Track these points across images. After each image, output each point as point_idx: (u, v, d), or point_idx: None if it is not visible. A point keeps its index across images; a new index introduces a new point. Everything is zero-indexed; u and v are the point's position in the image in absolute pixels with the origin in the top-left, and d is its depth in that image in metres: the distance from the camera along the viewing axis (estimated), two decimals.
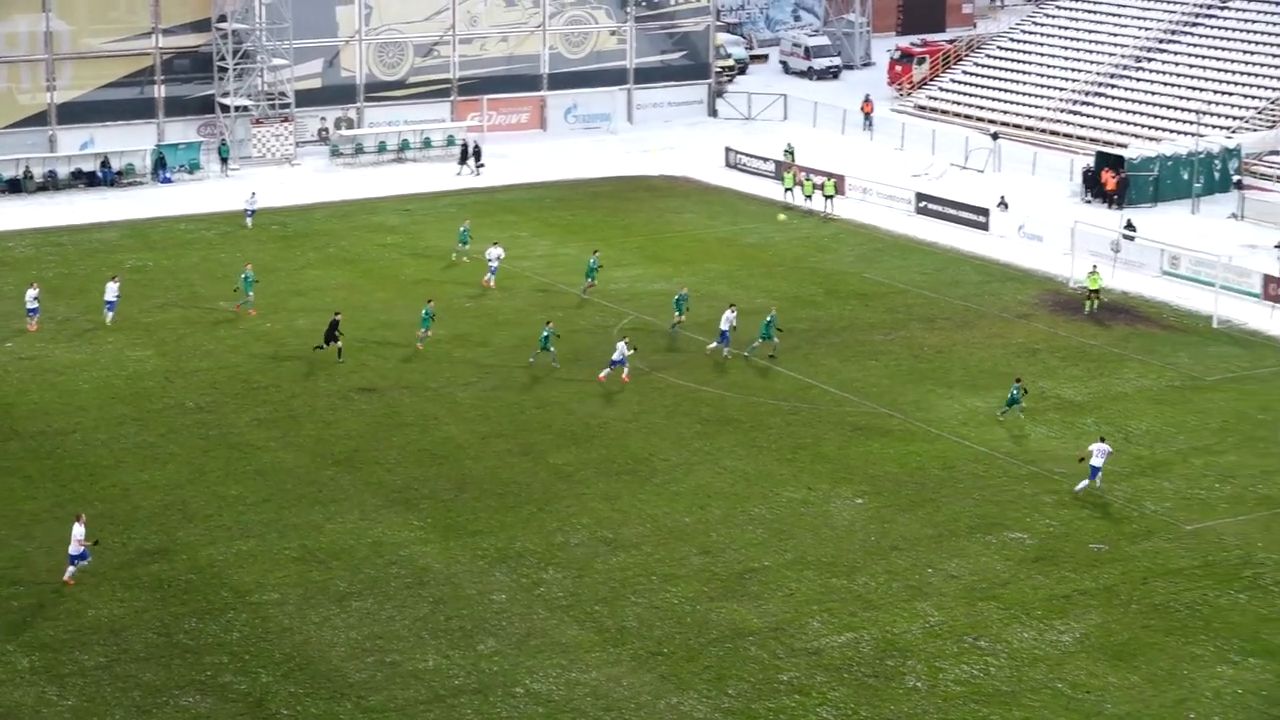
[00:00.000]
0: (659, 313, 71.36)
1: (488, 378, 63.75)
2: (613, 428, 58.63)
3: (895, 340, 68.25)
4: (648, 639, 43.84)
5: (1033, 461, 55.55)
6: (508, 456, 56.14)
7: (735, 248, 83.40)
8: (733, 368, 64.47)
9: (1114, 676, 41.95)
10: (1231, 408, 60.53)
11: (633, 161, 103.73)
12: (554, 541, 49.55)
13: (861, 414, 59.90)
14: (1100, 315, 70.94)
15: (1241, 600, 45.91)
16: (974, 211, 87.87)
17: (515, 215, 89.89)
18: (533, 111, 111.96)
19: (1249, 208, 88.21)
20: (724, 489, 53.40)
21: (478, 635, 44.04)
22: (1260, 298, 73.58)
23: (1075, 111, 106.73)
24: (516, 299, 74.05)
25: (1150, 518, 51.28)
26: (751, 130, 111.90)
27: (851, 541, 49.57)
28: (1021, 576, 47.29)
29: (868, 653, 43.11)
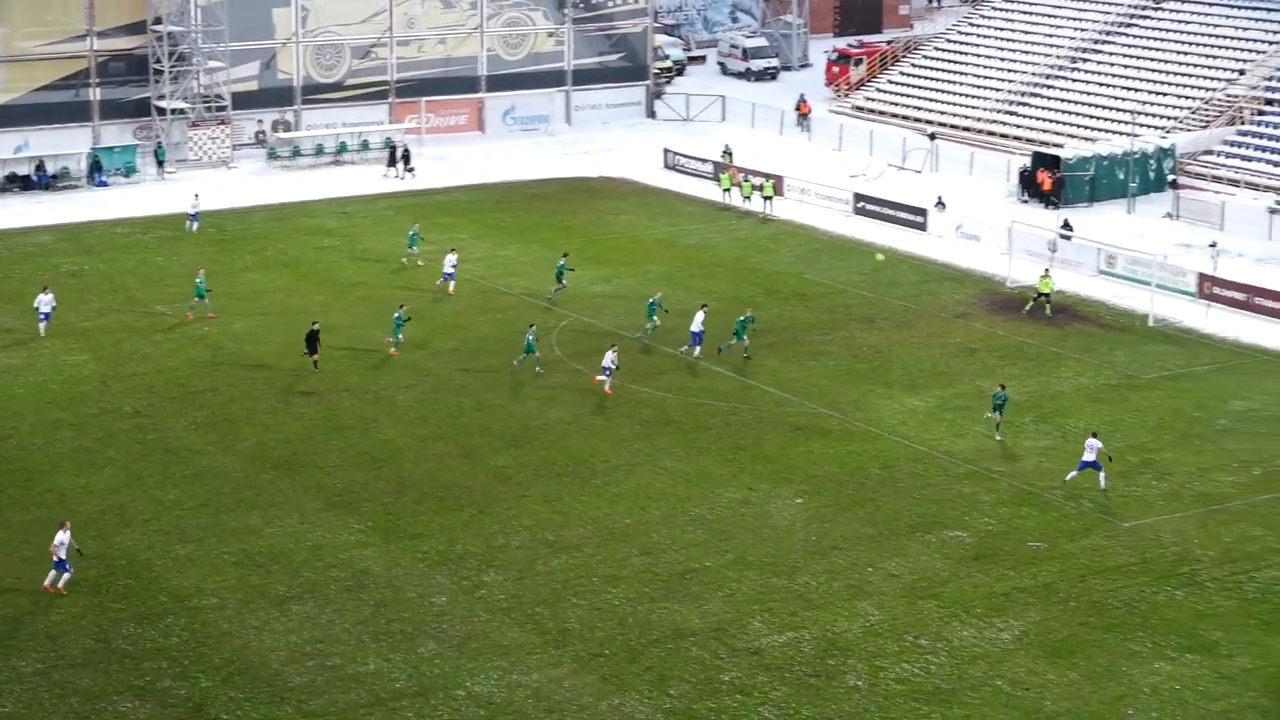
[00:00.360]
0: (598, 314, 71.35)
1: (427, 380, 63.59)
2: (553, 429, 58.59)
3: (834, 340, 68.43)
4: (589, 640, 43.82)
5: (971, 461, 55.78)
6: (448, 459, 56.03)
7: (674, 249, 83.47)
8: (670, 369, 64.51)
9: (1053, 673, 42.16)
10: (1168, 405, 60.93)
11: (571, 163, 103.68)
12: (495, 544, 49.48)
13: (801, 414, 60.03)
14: (1042, 317, 71.16)
15: (1178, 597, 46.21)
16: (912, 212, 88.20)
17: (454, 217, 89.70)
18: (471, 113, 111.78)
19: (1184, 207, 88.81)
20: (664, 490, 53.43)
21: (418, 638, 43.93)
22: (1195, 296, 74.09)
23: (1012, 112, 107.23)
24: (456, 301, 73.88)
25: (1088, 515, 51.57)
26: (690, 131, 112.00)
27: (792, 541, 49.67)
28: (961, 575, 47.48)
29: (809, 652, 43.20)
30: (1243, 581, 47.03)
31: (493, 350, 66.81)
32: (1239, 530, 50.40)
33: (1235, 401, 61.49)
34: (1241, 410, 60.51)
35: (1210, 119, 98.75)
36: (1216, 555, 48.71)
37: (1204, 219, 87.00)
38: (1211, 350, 68.09)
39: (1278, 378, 64.41)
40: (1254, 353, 67.63)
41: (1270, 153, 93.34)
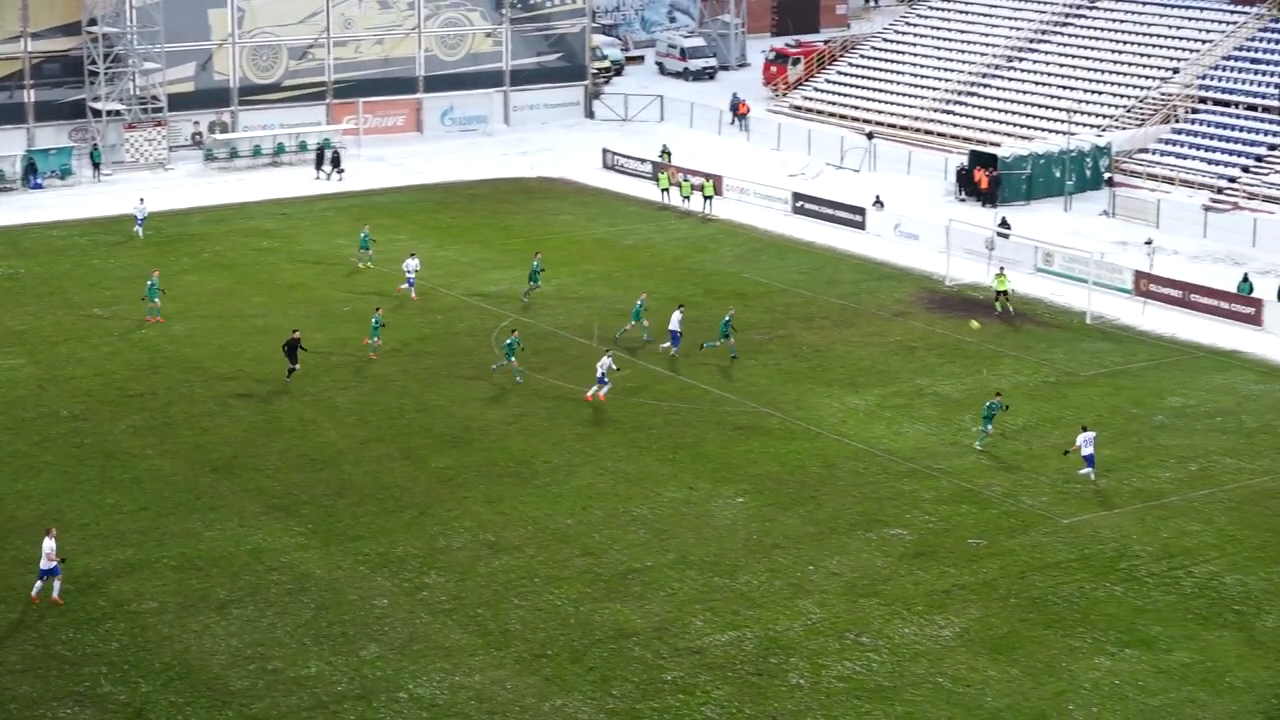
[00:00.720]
0: (538, 315, 71.29)
1: (367, 382, 63.40)
2: (493, 430, 58.51)
3: (774, 339, 68.57)
4: (531, 641, 43.78)
5: (911, 459, 55.98)
6: (388, 461, 55.88)
7: (614, 249, 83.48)
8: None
9: (994, 670, 42.34)
10: (1106, 402, 61.29)
11: (510, 163, 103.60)
12: (436, 545, 49.37)
13: (742, 413, 60.12)
14: (1005, 316, 71.41)
15: (1118, 592, 46.48)
16: (850, 211, 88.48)
17: (393, 218, 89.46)
18: (409, 114, 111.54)
19: (1120, 205, 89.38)
20: (606, 490, 53.42)
21: (360, 641, 43.80)
22: (1132, 293, 74.57)
23: (949, 111, 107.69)
24: (395, 302, 73.64)
25: (1027, 512, 51.81)
26: (628, 131, 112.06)
27: (733, 540, 49.73)
28: (902, 572, 47.64)
29: (751, 651, 43.26)
30: (1180, 577, 47.35)
31: (433, 351, 66.66)
32: (1176, 526, 50.74)
33: (1172, 398, 61.92)
34: (1178, 406, 60.94)
35: (1145, 117, 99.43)
36: (1154, 551, 49.03)
37: (1140, 217, 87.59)
38: (1148, 347, 68.53)
39: (1214, 374, 64.90)
40: (1190, 349, 68.11)
41: (1204, 150, 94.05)
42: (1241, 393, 62.76)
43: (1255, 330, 70.30)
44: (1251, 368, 65.78)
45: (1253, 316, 71.03)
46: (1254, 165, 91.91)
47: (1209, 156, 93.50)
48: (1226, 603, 45.83)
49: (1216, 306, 72.34)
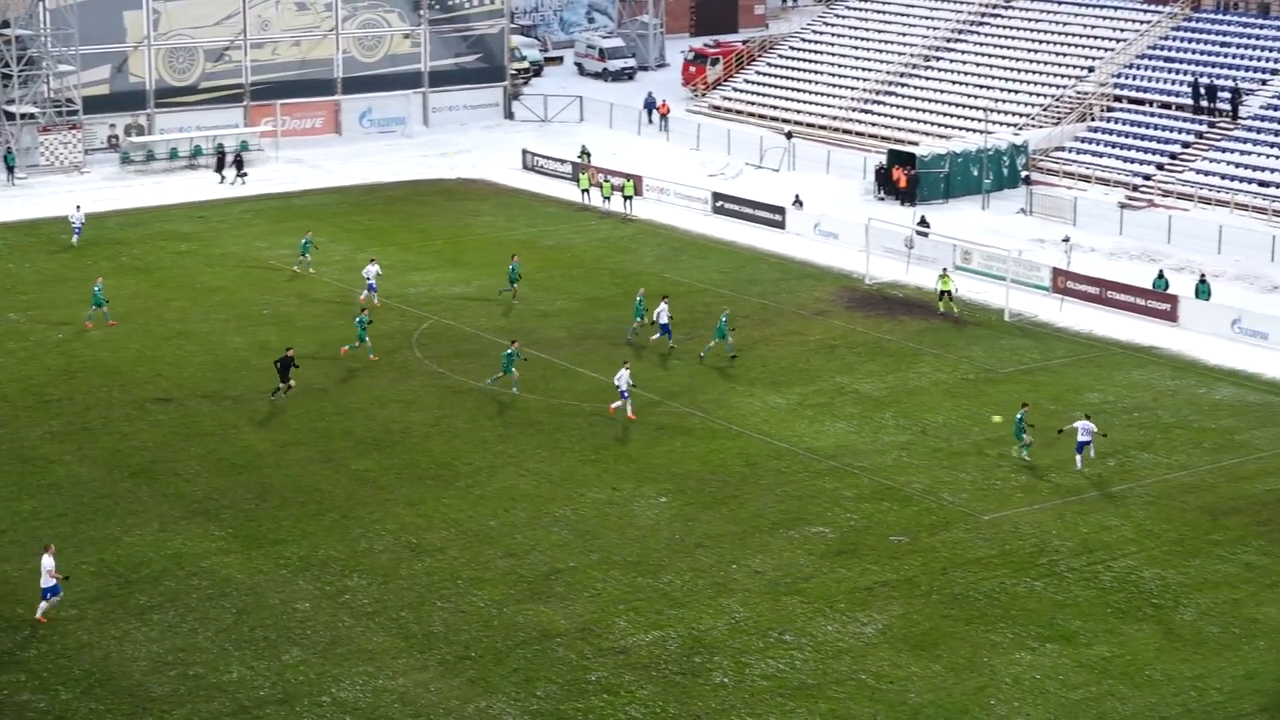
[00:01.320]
0: (459, 316, 71.16)
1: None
2: (415, 432, 58.33)
3: (695, 339, 68.62)
4: (454, 643, 43.67)
5: (832, 457, 56.16)
6: (309, 464, 55.62)
7: (534, 250, 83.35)
8: (532, 371, 64.41)
9: (916, 666, 42.53)
10: (1024, 398, 61.61)
11: (429, 165, 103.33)
12: (358, 548, 49.17)
13: (664, 413, 60.16)
14: (951, 316, 71.68)
15: (1038, 587, 46.78)
16: (770, 210, 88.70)
17: (312, 221, 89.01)
18: (327, 116, 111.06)
19: (1037, 202, 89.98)
20: (528, 491, 53.35)
21: (282, 645, 43.57)
22: (1049, 291, 75.08)
23: (867, 110, 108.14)
24: (314, 305, 73.40)
25: (948, 509, 52.08)
26: (548, 132, 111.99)
27: (656, 540, 49.77)
28: (824, 570, 47.79)
29: (675, 650, 43.30)
30: (1100, 571, 47.71)
31: (352, 354, 66.34)
32: (1095, 521, 51.12)
33: (1090, 394, 62.37)
34: (1096, 402, 61.37)
35: (1061, 116, 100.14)
36: (1074, 546, 49.38)
37: (1057, 214, 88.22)
38: (1066, 344, 69.02)
39: (1130, 370, 65.43)
40: (1107, 345, 68.65)
41: (1120, 149, 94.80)
42: (1158, 388, 63.30)
43: (1171, 326, 70.92)
44: (1167, 364, 66.36)
45: (1168, 313, 71.66)
46: (1168, 163, 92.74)
47: (1124, 154, 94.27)
48: (1145, 596, 46.21)
49: (1133, 303, 72.94)
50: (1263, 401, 61.86)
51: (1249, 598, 46.13)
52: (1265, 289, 76.27)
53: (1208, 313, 70.96)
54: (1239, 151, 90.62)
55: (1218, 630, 44.35)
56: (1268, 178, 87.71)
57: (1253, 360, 66.26)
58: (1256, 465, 55.45)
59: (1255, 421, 59.71)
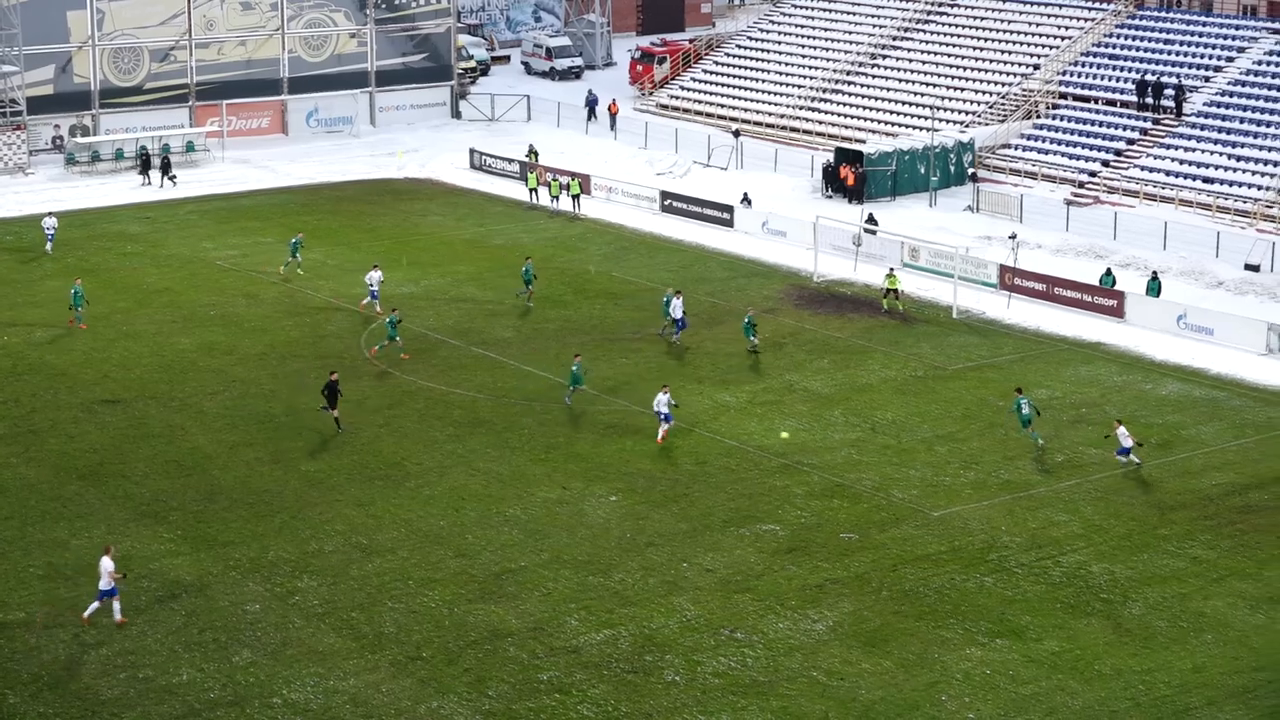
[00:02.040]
0: (407, 316, 70.89)
1: (234, 386, 62.84)
2: (364, 433, 58.17)
3: (644, 338, 68.66)
4: (406, 644, 43.57)
5: (782, 455, 56.24)
6: (257, 465, 55.41)
7: (483, 249, 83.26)
8: (482, 369, 64.33)
9: (867, 663, 42.63)
10: (973, 395, 61.91)
11: (377, 165, 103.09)
12: (308, 549, 49.02)
13: (613, 412, 60.16)
14: (897, 314, 71.81)
15: (987, 583, 46.95)
16: (718, 209, 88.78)
17: (259, 221, 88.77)
18: (273, 116, 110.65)
19: (983, 200, 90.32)
20: (478, 491, 53.28)
21: (232, 647, 43.40)
22: (997, 288, 75.36)
23: (814, 108, 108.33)
24: (262, 305, 73.13)
25: (898, 505, 52.23)
26: (495, 131, 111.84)
27: (607, 539, 49.76)
28: (775, 568, 47.86)
29: (626, 649, 43.30)
30: (1049, 566, 47.91)
31: (300, 354, 66.19)
32: (1044, 516, 51.33)
33: (1038, 390, 62.56)
34: (1044, 398, 61.58)
35: (1007, 113, 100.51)
36: (1023, 541, 49.58)
37: (1003, 211, 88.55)
38: (1013, 340, 69.30)
39: (1077, 365, 65.72)
40: (1054, 341, 68.94)
41: (1066, 145, 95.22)
42: (1105, 384, 63.61)
43: (1117, 323, 71.28)
44: (1114, 359, 66.69)
45: (1115, 309, 72.01)
46: (1114, 160, 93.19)
47: (1070, 151, 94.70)
48: (1094, 591, 46.43)
49: (1080, 299, 73.26)
50: (1208, 397, 62.23)
51: (1196, 592, 46.41)
52: (1210, 285, 76.71)
53: (1154, 308, 71.33)
54: (1183, 148, 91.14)
55: (1166, 624, 44.60)
56: (1211, 174, 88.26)
57: (1198, 355, 66.65)
58: (1203, 460, 55.78)
59: (1201, 416, 60.07)
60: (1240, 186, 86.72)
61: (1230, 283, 76.59)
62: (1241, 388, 63.28)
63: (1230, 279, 76.93)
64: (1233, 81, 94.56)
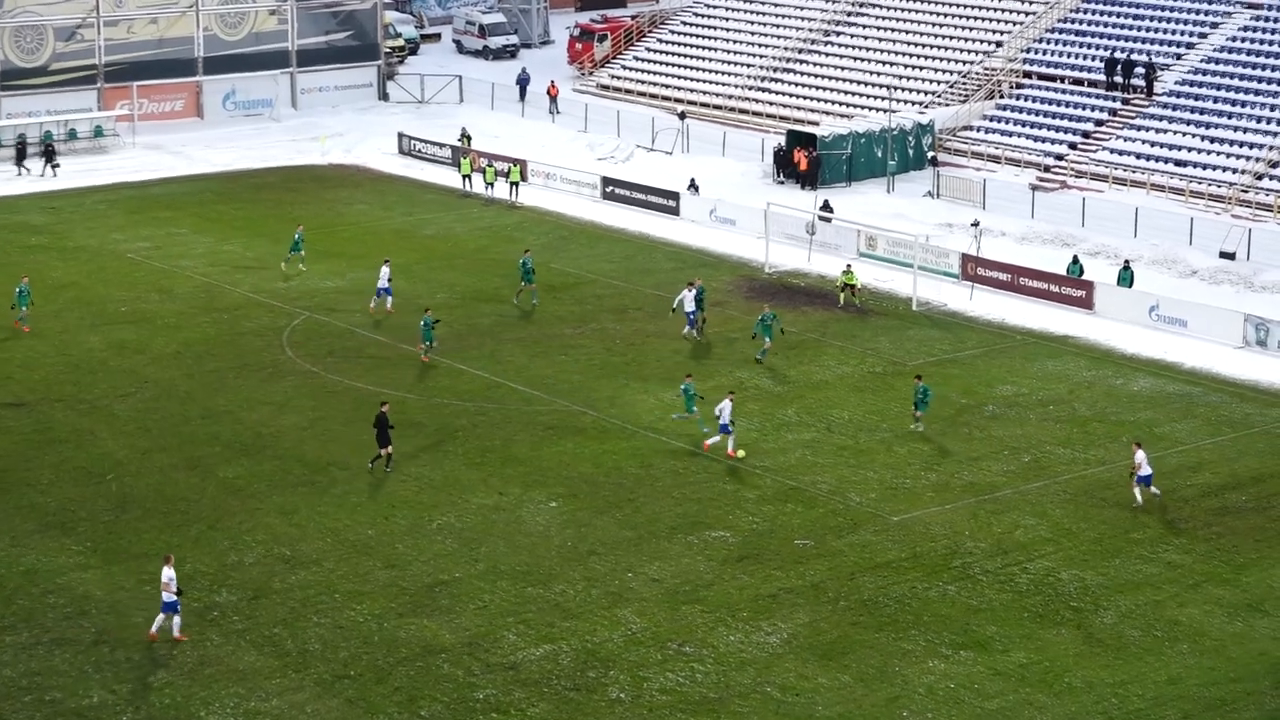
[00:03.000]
0: (331, 312, 70.75)
1: (147, 387, 62.54)
2: (286, 436, 57.97)
3: (586, 333, 68.65)
4: (333, 661, 43.44)
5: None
6: (172, 472, 55.16)
7: (413, 240, 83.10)
8: (412, 367, 64.21)
9: (824, 677, 42.70)
10: (934, 392, 62.00)
11: (299, 150, 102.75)
12: (227, 561, 48.81)
13: (553, 412, 60.12)
14: (853, 309, 71.89)
15: (951, 591, 47.09)
16: (663, 196, 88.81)
17: (172, 211, 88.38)
18: (188, 98, 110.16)
19: (944, 185, 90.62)
20: (409, 498, 53.15)
21: (146, 667, 43.18)
22: (959, 278, 75.60)
23: (764, 89, 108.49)
24: (176, 301, 72.79)
25: (856, 510, 52.33)
26: (426, 114, 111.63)
27: (547, 548, 49.71)
28: (726, 577, 47.89)
29: (568, 665, 43.26)
30: (1015, 574, 48.08)
31: (217, 353, 65.93)
32: (1010, 520, 51.52)
33: (1003, 386, 62.86)
34: (1009, 395, 61.87)
35: (969, 93, 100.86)
36: (988, 547, 49.74)
37: (965, 197, 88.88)
38: (977, 333, 69.55)
39: (1044, 360, 65.99)
40: (1020, 335, 69.23)
41: (1030, 127, 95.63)
42: (1074, 380, 63.90)
43: (1086, 314, 71.62)
44: (1083, 353, 67.00)
45: (1083, 300, 72.35)
46: (1081, 142, 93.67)
47: (1035, 133, 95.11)
48: (1063, 599, 46.62)
49: (1046, 290, 73.60)
50: (1182, 392, 62.58)
51: (1171, 599, 46.65)
52: (1183, 274, 77.15)
53: (1124, 299, 71.69)
54: (1154, 130, 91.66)
55: (1139, 634, 44.81)
56: (1184, 157, 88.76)
57: (1171, 349, 67.01)
58: (1177, 459, 56.05)
59: (1174, 414, 60.40)
60: (1215, 170, 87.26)
61: (1205, 271, 77.07)
62: (1217, 382, 63.66)
63: (1205, 267, 77.41)
64: (1206, 59, 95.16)
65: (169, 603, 44.14)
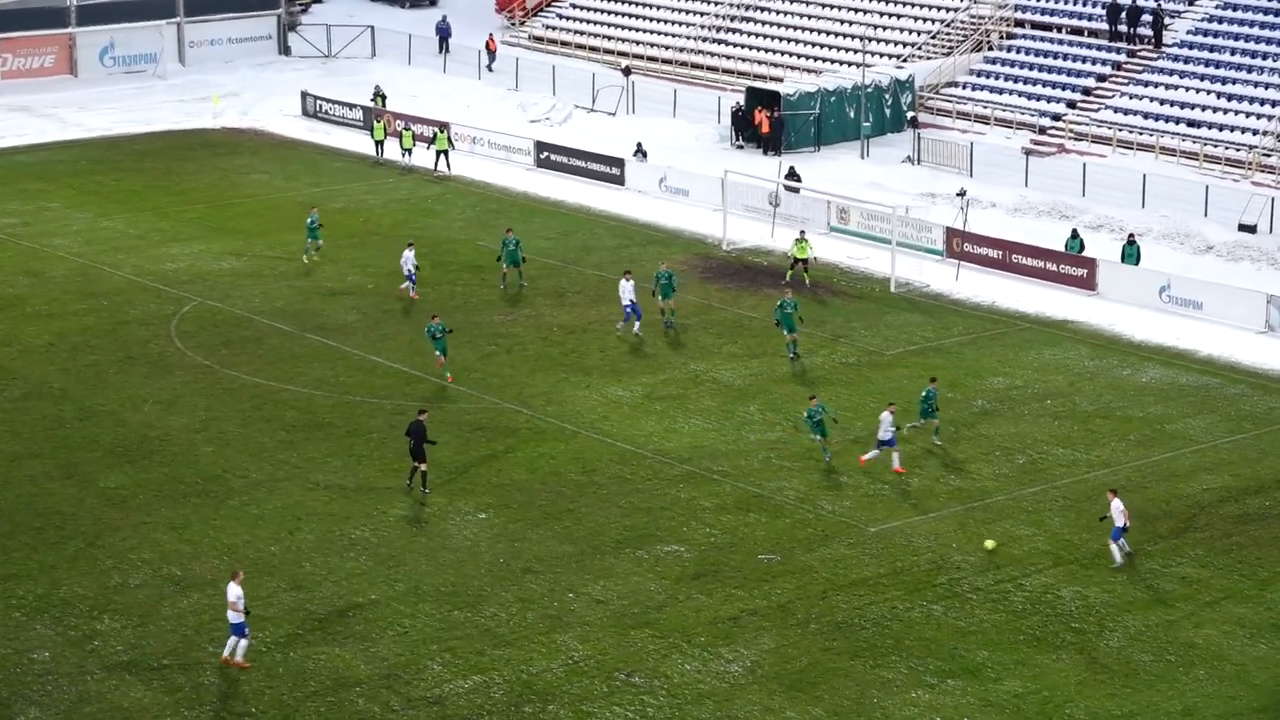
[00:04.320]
0: (227, 297, 70.60)
1: (15, 384, 62.39)
2: (176, 440, 57.87)
3: (518, 320, 68.67)
4: (231, 697, 43.37)
5: (688, 460, 56.41)
6: (45, 481, 54.99)
7: (320, 214, 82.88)
8: (317, 359, 64.13)
9: (793, 710, 42.82)
10: (916, 386, 62.10)
11: (188, 112, 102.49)
12: (109, 583, 48.68)
13: (481, 411, 60.14)
14: (801, 287, 72.07)
15: (936, 612, 47.26)
16: (606, 163, 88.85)
17: (43, 183, 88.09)
18: (59, 53, 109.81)
19: (926, 150, 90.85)
20: (317, 509, 53.12)
21: (16, 704, 43.05)
22: (943, 255, 75.83)
23: (720, 40, 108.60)
24: (49, 286, 72.58)
25: (828, 520, 52.46)
26: (333, 71, 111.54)
27: (476, 565, 49.74)
28: (680, 597, 47.97)
29: (500, 698, 43.30)
30: (1009, 591, 48.29)
31: (96, 345, 65.77)
32: (1003, 530, 51.71)
33: (994, 378, 63.11)
34: (1001, 388, 62.12)
35: (953, 45, 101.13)
36: (978, 561, 49.92)
37: (950, 163, 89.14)
38: (964, 318, 69.80)
39: (1041, 348, 66.28)
40: (1012, 319, 69.51)
41: (1023, 83, 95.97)
42: (1074, 370, 64.20)
43: (1088, 295, 71.95)
44: (1085, 340, 67.32)
45: (1084, 279, 72.68)
46: (1082, 100, 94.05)
47: (1029, 90, 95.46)
48: (1063, 620, 46.84)
49: (1043, 269, 73.90)
50: (1196, 384, 62.93)
51: (1186, 618, 46.92)
52: (1198, 249, 77.54)
53: (1131, 279, 72.00)
54: (1164, 85, 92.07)
55: (1150, 659, 45.05)
56: (1198, 116, 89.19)
57: (1185, 334, 67.40)
58: (1191, 460, 56.37)
59: (1188, 408, 60.73)
60: (1232, 131, 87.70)
61: (1221, 246, 77.49)
62: (1236, 372, 64.04)
63: (1221, 242, 77.82)
64: (1222, 5, 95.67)
65: (238, 624, 44.15)
